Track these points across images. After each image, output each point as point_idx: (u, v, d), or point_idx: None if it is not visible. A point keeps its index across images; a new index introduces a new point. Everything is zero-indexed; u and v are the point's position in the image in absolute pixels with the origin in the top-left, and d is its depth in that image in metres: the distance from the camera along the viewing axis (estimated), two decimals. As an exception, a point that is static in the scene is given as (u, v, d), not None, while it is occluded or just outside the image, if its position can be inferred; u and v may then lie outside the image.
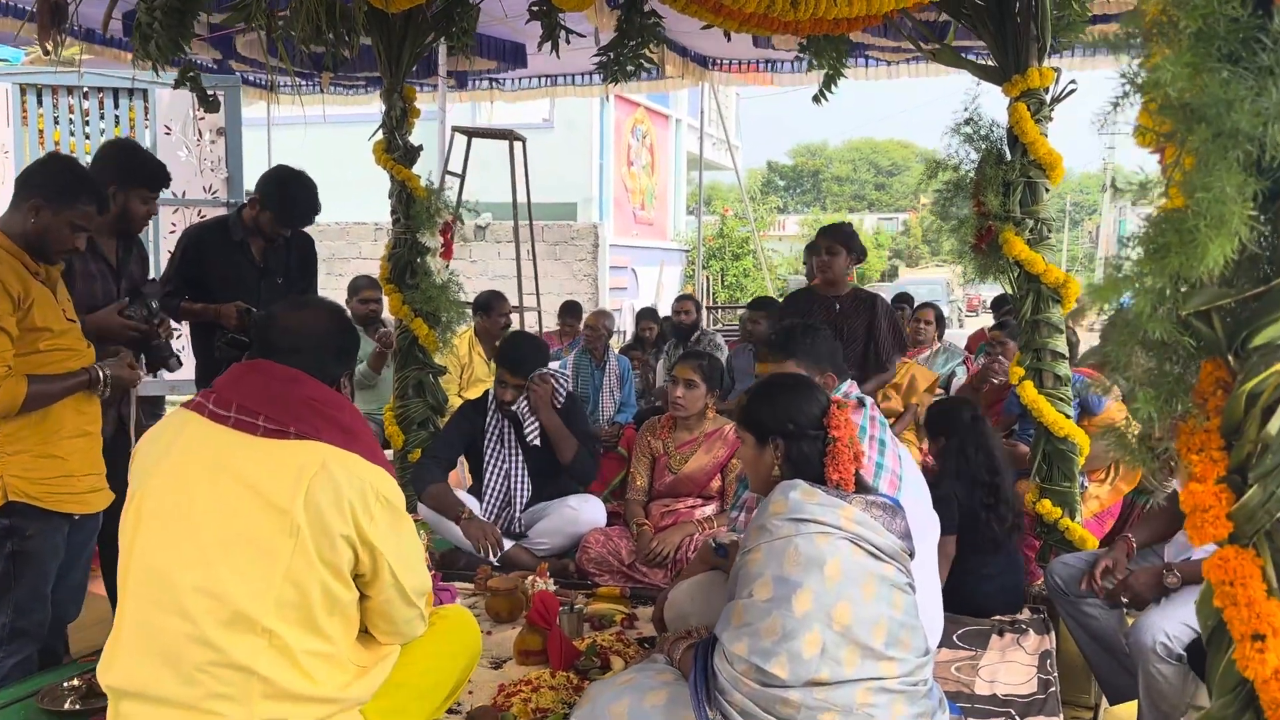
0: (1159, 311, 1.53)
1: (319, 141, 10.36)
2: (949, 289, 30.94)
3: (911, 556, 2.21)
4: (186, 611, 1.89)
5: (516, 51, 6.77)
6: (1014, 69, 3.78)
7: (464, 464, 4.62)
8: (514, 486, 4.18)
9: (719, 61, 7.46)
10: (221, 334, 3.93)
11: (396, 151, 4.79)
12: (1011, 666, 3.04)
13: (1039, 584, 3.59)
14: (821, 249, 4.71)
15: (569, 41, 4.50)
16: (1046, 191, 3.85)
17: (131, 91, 6.04)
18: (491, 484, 4.19)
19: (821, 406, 2.31)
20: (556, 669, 2.89)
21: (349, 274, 8.36)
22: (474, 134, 8.15)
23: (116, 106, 6.07)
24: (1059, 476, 3.87)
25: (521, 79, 7.81)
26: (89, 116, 6.07)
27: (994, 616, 3.39)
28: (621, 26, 4.34)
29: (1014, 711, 2.75)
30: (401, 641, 2.20)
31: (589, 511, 4.15)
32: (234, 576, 1.90)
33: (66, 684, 2.67)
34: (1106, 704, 3.34)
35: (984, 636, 3.26)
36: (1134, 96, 1.57)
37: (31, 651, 2.89)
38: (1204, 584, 1.68)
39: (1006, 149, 3.85)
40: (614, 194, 19.99)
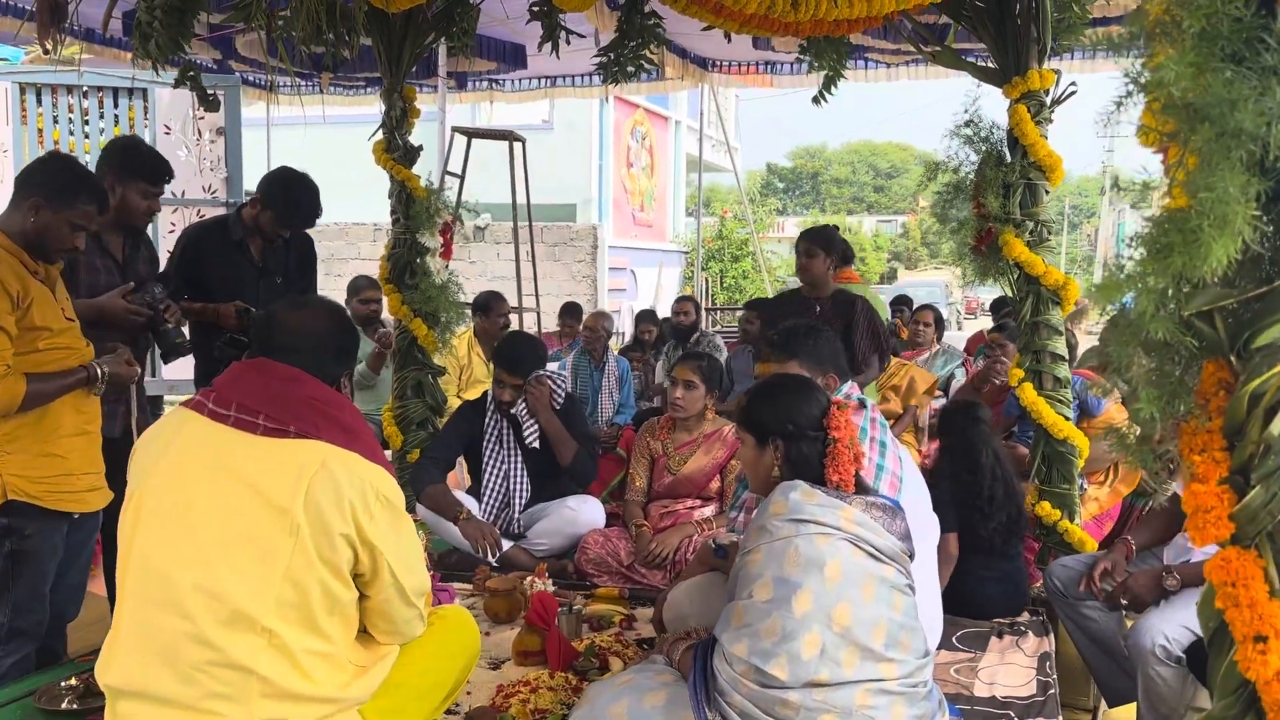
0: (1161, 312, 1.54)
1: (318, 142, 10.34)
2: (948, 291, 30.98)
3: (911, 558, 2.20)
4: (186, 610, 1.89)
5: (516, 52, 6.77)
6: (1014, 71, 3.79)
7: (463, 465, 4.62)
8: (513, 487, 4.18)
9: (719, 63, 7.46)
10: (220, 334, 3.93)
11: (396, 151, 4.79)
12: (1010, 668, 3.04)
13: (1038, 586, 3.59)
14: (800, 252, 4.77)
15: (569, 42, 4.50)
16: (1046, 193, 3.86)
17: (131, 91, 6.04)
18: (490, 485, 4.18)
19: (822, 408, 2.31)
20: (555, 670, 2.88)
21: (348, 274, 8.36)
22: (474, 135, 8.15)
23: (116, 106, 6.07)
24: (1058, 479, 3.88)
25: (521, 80, 7.81)
26: (88, 116, 6.07)
27: (995, 619, 3.39)
28: (622, 27, 4.33)
29: (1013, 713, 2.75)
30: (400, 641, 2.20)
31: (588, 512, 4.14)
32: (233, 575, 1.90)
33: (64, 684, 2.66)
34: (1105, 706, 3.33)
35: (983, 638, 3.25)
36: (1137, 96, 1.57)
37: (30, 651, 2.88)
38: (1205, 585, 1.67)
39: (1006, 151, 3.87)
40: (613, 195, 19.98)
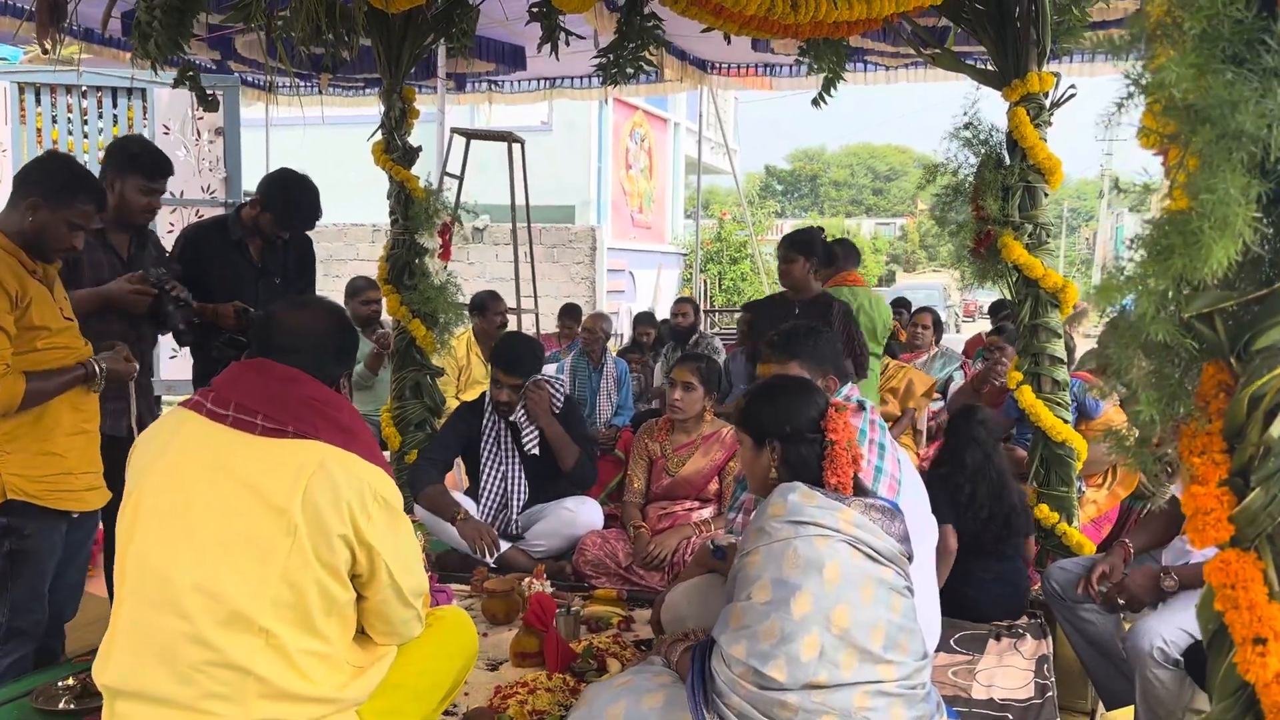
0: (1162, 313, 1.54)
1: (317, 142, 10.34)
2: (946, 294, 31.03)
3: (910, 560, 2.20)
4: (184, 610, 1.88)
5: (516, 54, 6.78)
6: (1014, 74, 3.79)
7: (460, 466, 4.61)
8: (511, 489, 4.17)
9: (718, 65, 7.47)
10: (219, 334, 3.92)
11: (395, 152, 4.79)
12: (1009, 671, 3.03)
13: (1036, 589, 3.59)
14: (780, 257, 4.87)
15: (568, 44, 4.50)
16: (1045, 196, 3.86)
17: (130, 91, 6.05)
18: (488, 486, 4.18)
19: (819, 410, 2.30)
20: (553, 671, 2.87)
21: (346, 275, 8.36)
22: (473, 136, 8.14)
23: (115, 105, 6.07)
24: (1057, 481, 3.88)
25: (520, 81, 7.81)
26: (87, 115, 6.07)
27: (993, 622, 3.38)
28: (621, 29, 4.33)
29: (1011, 716, 2.75)
30: (398, 642, 2.19)
31: (586, 514, 4.14)
32: (232, 576, 1.89)
33: (61, 683, 2.66)
34: (1103, 709, 3.33)
35: (981, 641, 3.25)
36: (1138, 97, 1.57)
37: (28, 651, 2.88)
38: (1205, 588, 1.67)
39: (1006, 153, 3.87)
40: (612, 197, 20.00)
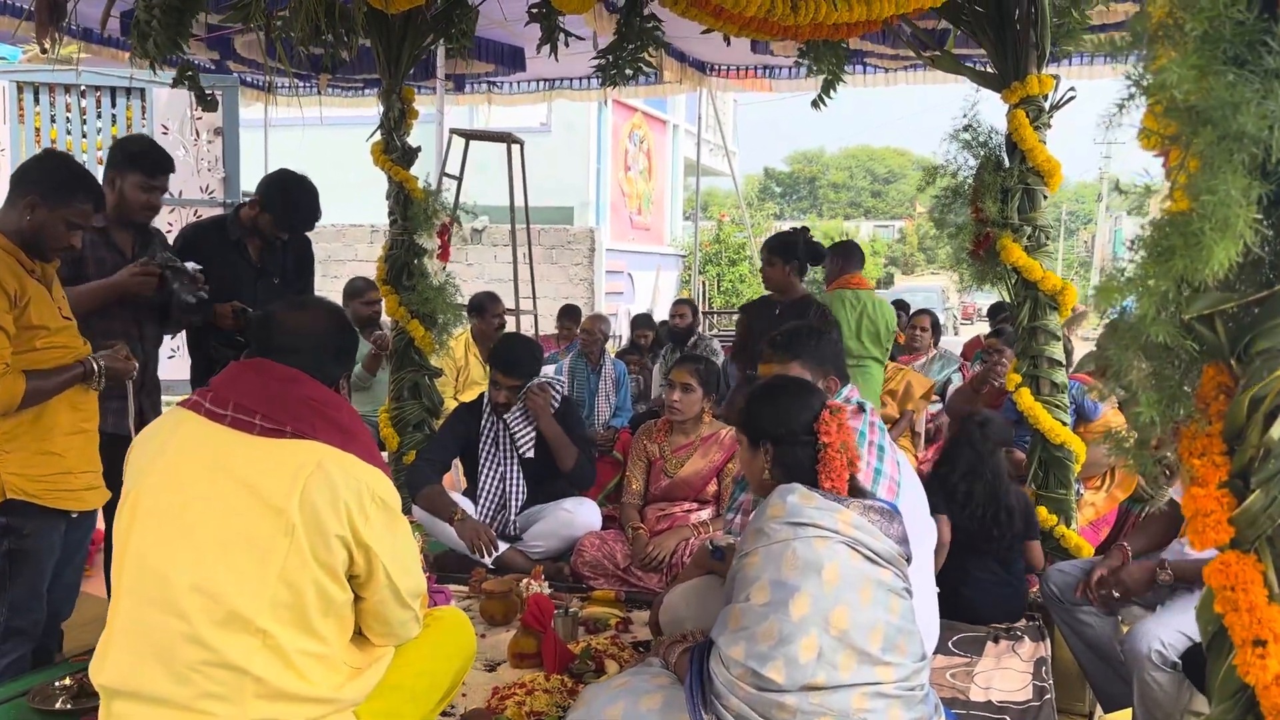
0: (1162, 315, 1.53)
1: (316, 143, 10.34)
2: (944, 296, 31.03)
3: (909, 561, 2.20)
4: (181, 610, 1.88)
5: (515, 55, 6.78)
6: (1013, 76, 3.80)
7: (458, 467, 4.61)
8: (509, 490, 4.17)
9: (717, 67, 7.47)
10: (217, 334, 3.92)
11: (395, 153, 4.78)
12: (1007, 673, 3.03)
13: (1034, 591, 3.59)
14: (762, 260, 4.91)
15: (567, 45, 4.50)
16: (1044, 199, 3.86)
17: (129, 90, 6.05)
18: (486, 487, 4.17)
19: (814, 412, 2.28)
20: (551, 672, 2.87)
21: (344, 276, 8.35)
22: (472, 136, 8.14)
23: (114, 105, 6.07)
24: (1055, 484, 3.88)
25: (519, 82, 7.82)
26: (86, 115, 6.07)
27: (991, 624, 3.38)
28: (620, 30, 4.33)
29: (1009, 718, 2.75)
30: (396, 643, 2.19)
31: (584, 515, 4.13)
32: (230, 576, 1.89)
33: (58, 683, 2.65)
34: (1101, 712, 3.33)
35: (979, 643, 3.25)
36: (1139, 99, 1.57)
37: (26, 651, 2.88)
38: (1204, 589, 1.67)
39: (1005, 156, 3.87)
40: (611, 198, 20.01)
